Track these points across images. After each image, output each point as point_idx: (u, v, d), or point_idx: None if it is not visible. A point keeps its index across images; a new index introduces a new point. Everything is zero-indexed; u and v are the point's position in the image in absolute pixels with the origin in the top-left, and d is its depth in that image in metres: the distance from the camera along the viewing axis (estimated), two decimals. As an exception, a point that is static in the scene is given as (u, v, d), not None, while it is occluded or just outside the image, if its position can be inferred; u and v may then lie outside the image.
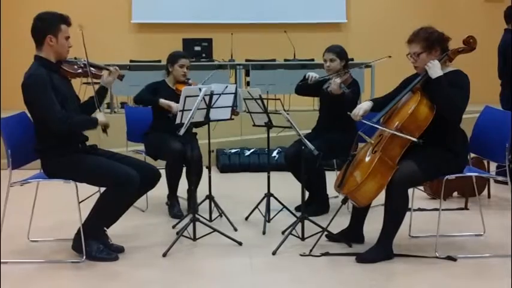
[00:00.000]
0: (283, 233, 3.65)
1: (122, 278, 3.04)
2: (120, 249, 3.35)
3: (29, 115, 3.45)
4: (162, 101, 4.22)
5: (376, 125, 3.18)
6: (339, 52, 4.17)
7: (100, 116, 3.33)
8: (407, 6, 8.95)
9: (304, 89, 4.32)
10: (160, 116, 4.28)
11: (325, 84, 4.17)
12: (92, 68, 3.40)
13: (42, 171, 3.32)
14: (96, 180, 3.28)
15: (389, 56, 3.96)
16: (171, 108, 4.17)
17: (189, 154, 4.05)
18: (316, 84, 4.18)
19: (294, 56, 7.53)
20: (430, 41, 3.18)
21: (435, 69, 3.11)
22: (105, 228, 3.35)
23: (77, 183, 3.21)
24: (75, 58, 3.46)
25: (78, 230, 3.24)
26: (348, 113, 3.35)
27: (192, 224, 3.52)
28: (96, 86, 3.42)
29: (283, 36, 7.53)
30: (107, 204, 3.22)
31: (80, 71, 3.36)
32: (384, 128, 3.16)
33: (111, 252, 3.27)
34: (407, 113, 3.10)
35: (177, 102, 4.08)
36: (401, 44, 3.33)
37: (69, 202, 3.40)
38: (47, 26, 3.19)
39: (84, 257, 3.20)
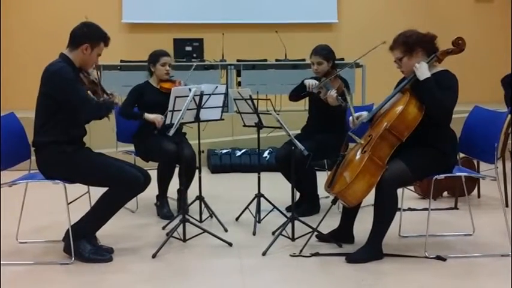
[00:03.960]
0: (273, 233, 3.64)
1: (111, 279, 3.02)
2: (110, 251, 3.33)
3: (18, 115, 3.44)
4: (146, 115, 4.18)
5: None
6: (326, 55, 4.16)
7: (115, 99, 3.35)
8: (398, 7, 8.98)
9: (300, 96, 4.27)
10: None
11: (318, 86, 4.10)
12: (98, 88, 3.35)
13: (37, 170, 3.26)
14: (102, 180, 3.21)
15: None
16: (157, 123, 4.12)
17: (182, 154, 4.04)
18: (304, 88, 4.17)
19: (285, 56, 7.53)
20: (409, 44, 3.19)
21: (422, 70, 3.12)
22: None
23: (66, 184, 3.19)
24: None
25: (67, 233, 3.22)
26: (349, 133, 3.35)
27: (182, 225, 3.51)
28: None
29: (274, 36, 7.52)
30: (111, 204, 3.20)
31: (89, 85, 3.33)
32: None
33: (104, 253, 3.26)
34: (396, 114, 3.11)
35: (163, 100, 4.08)
36: (392, 44, 3.33)
37: (58, 203, 3.38)
38: (91, 35, 3.22)
39: (73, 258, 3.18)
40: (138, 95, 4.32)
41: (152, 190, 4.03)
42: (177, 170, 4.23)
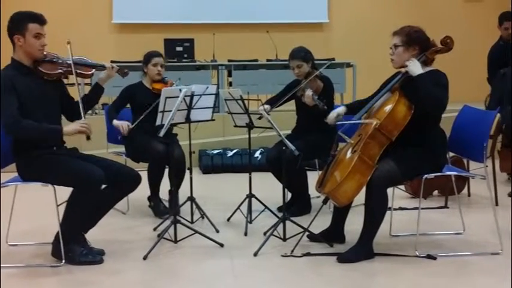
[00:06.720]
0: (264, 234, 3.64)
1: (102, 281, 3.00)
2: (100, 253, 3.31)
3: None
4: (114, 122, 4.21)
5: (355, 121, 3.26)
6: (304, 56, 4.10)
7: (69, 127, 3.14)
8: (388, 6, 9.01)
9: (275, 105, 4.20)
10: (139, 118, 4.24)
11: (297, 90, 4.06)
12: (78, 67, 3.26)
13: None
14: (62, 181, 3.16)
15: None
16: (122, 130, 4.14)
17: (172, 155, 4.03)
18: (286, 91, 4.17)
19: (276, 56, 7.53)
20: (411, 37, 3.22)
21: (416, 67, 3.14)
22: (83, 233, 3.30)
23: (55, 186, 3.17)
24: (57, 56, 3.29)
25: (56, 236, 3.20)
26: (325, 120, 3.42)
27: (173, 226, 3.50)
28: (86, 87, 3.33)
29: (265, 36, 7.53)
30: (75, 205, 3.14)
31: (60, 71, 3.23)
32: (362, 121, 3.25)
33: (95, 255, 3.24)
34: (385, 113, 3.13)
35: (155, 101, 4.09)
36: (382, 43, 3.35)
37: (48, 205, 3.36)
38: (15, 25, 3.12)
39: (63, 261, 3.16)
40: (128, 96, 4.35)
41: (144, 192, 4.03)
42: (167, 170, 4.23)
